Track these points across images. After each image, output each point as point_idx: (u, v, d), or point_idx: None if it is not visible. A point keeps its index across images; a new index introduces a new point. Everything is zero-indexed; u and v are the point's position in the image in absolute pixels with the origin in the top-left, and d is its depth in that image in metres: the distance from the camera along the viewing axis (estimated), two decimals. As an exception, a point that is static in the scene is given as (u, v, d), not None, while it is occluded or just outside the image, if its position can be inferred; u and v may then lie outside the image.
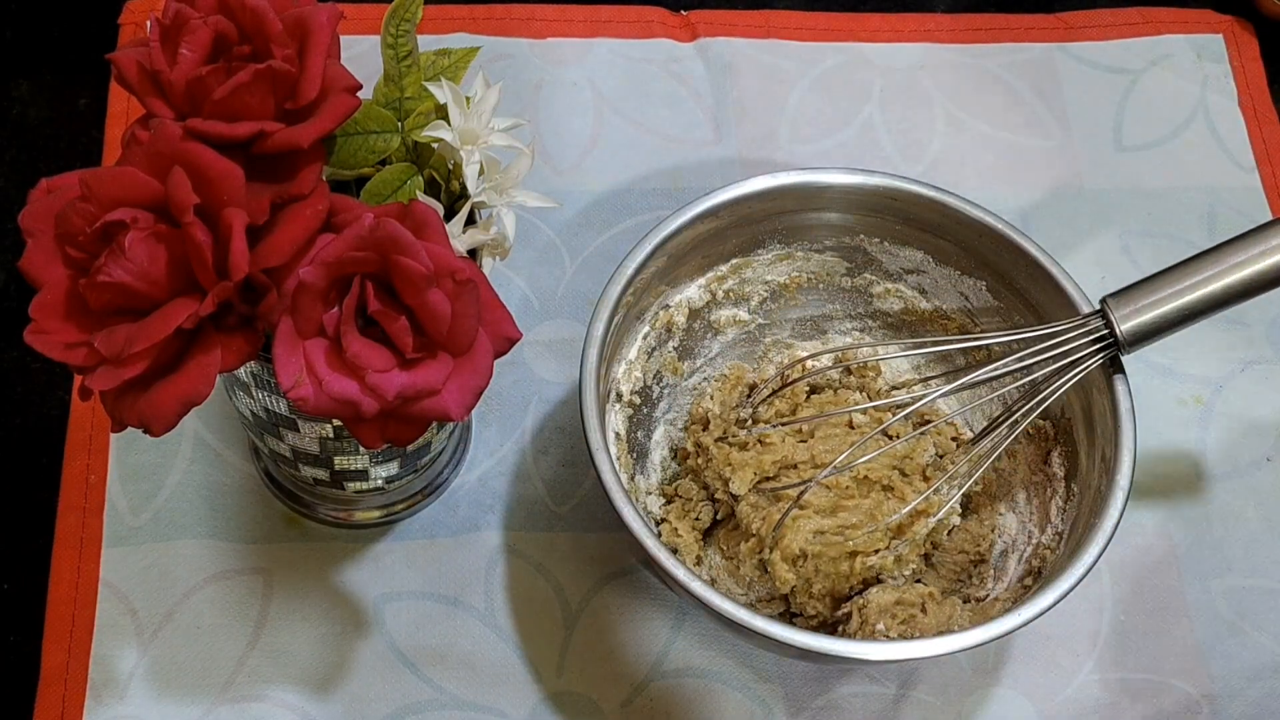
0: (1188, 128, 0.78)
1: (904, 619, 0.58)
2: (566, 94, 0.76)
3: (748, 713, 0.61)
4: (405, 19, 0.51)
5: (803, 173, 0.62)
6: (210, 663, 0.60)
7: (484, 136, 0.51)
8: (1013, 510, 0.63)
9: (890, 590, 0.59)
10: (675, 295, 0.64)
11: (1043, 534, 0.60)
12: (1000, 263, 0.62)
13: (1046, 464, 0.62)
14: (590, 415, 0.55)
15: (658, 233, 0.60)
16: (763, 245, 0.65)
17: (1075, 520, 0.58)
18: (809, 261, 0.66)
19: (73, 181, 0.45)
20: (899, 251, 0.64)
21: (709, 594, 0.52)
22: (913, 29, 0.80)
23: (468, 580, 0.63)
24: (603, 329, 0.57)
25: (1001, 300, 0.63)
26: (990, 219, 0.61)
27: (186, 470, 0.64)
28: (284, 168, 0.46)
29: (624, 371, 0.63)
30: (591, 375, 0.56)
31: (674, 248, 0.61)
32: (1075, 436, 0.60)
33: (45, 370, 0.66)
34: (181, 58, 0.45)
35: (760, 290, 0.66)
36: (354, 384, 0.44)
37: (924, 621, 0.58)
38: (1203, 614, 0.65)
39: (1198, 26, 0.82)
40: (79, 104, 0.74)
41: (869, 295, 0.67)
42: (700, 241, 0.62)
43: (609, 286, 0.58)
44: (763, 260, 0.65)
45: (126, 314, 0.44)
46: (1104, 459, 0.57)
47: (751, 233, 0.64)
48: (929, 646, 0.52)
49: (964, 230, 0.62)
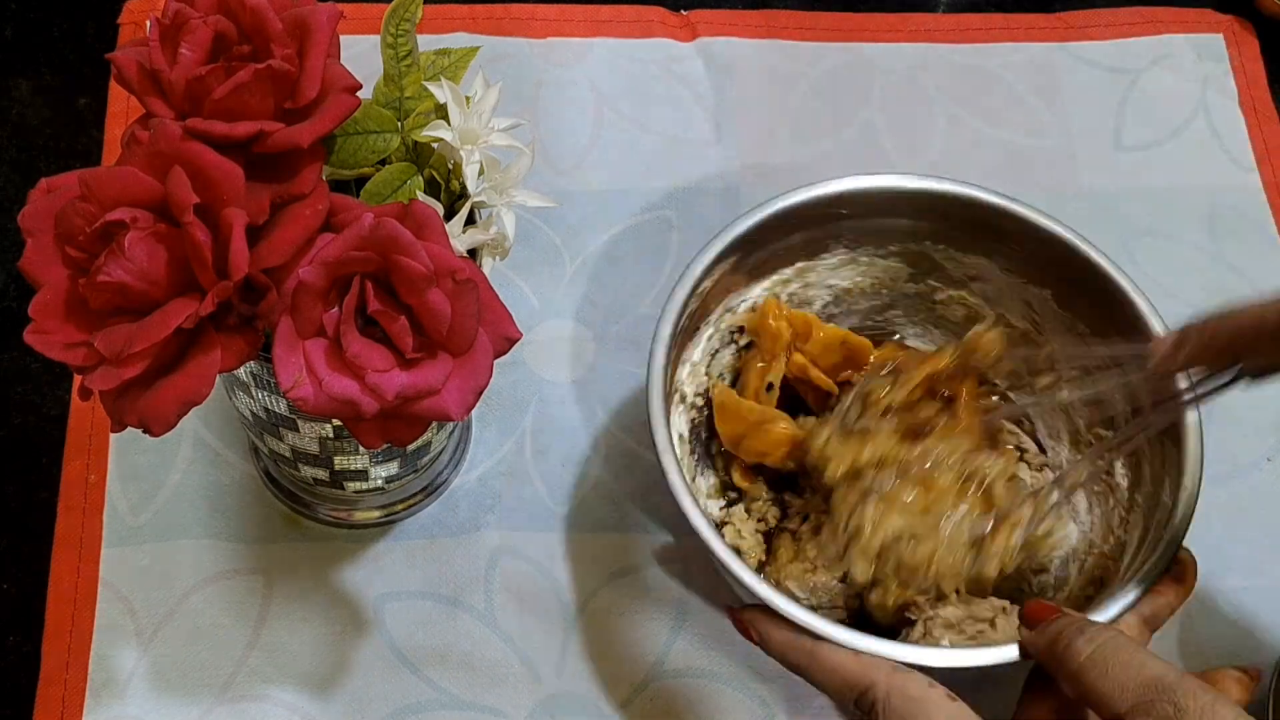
0: (1188, 128, 0.78)
1: (972, 634, 0.57)
2: (566, 94, 0.76)
3: (748, 713, 0.61)
4: (405, 19, 0.51)
5: (871, 178, 0.61)
6: (210, 663, 0.60)
7: (484, 136, 0.51)
8: (1074, 519, 0.62)
9: (960, 603, 0.58)
10: (739, 298, 0.64)
11: (1104, 544, 0.60)
12: (1066, 271, 0.61)
13: (1110, 474, 0.61)
14: (657, 415, 0.55)
15: (726, 235, 0.59)
16: (827, 249, 0.64)
17: (1143, 532, 0.57)
18: (873, 266, 0.65)
19: (73, 181, 0.45)
20: (964, 258, 0.63)
21: (775, 597, 0.51)
22: (913, 29, 0.80)
23: (468, 580, 0.63)
24: (670, 329, 0.57)
25: (1066, 309, 0.62)
26: (1058, 228, 0.60)
27: (186, 470, 0.64)
28: (284, 167, 0.46)
29: (688, 373, 0.63)
30: (659, 376, 0.56)
31: (741, 250, 0.60)
32: (1140, 448, 0.59)
33: (45, 370, 0.66)
34: (181, 57, 0.45)
35: (824, 294, 0.66)
36: (354, 384, 0.44)
37: (994, 636, 0.57)
38: (1203, 613, 0.65)
39: (1198, 26, 0.82)
40: (79, 104, 0.74)
41: (932, 301, 0.66)
42: (767, 244, 0.62)
43: (676, 288, 0.58)
44: (827, 264, 0.65)
45: (126, 314, 0.44)
46: (1168, 470, 0.56)
47: (817, 236, 0.63)
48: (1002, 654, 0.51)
49: (1030, 239, 0.61)
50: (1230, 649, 0.64)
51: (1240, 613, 0.65)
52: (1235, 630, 0.64)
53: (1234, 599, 0.65)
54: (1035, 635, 0.49)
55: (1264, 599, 0.65)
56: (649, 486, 0.66)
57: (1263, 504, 0.68)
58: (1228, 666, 0.56)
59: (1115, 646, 0.45)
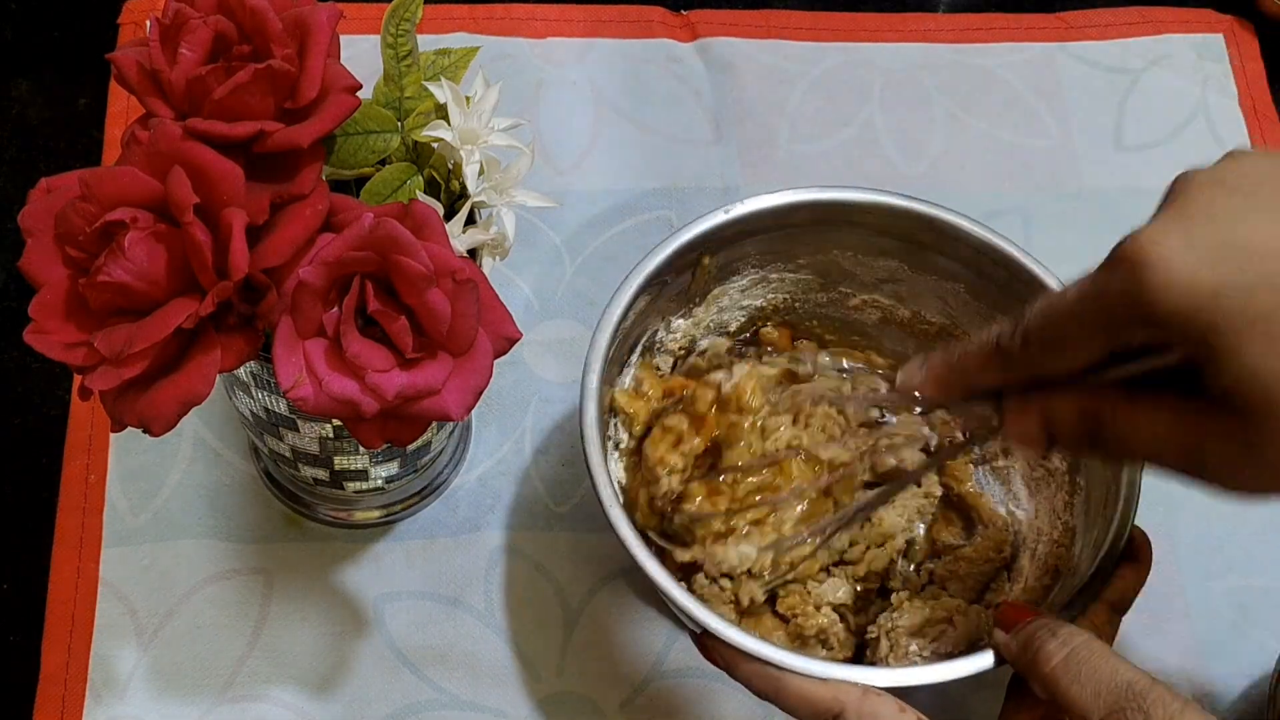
0: (1188, 127, 0.78)
1: (934, 636, 0.57)
2: (566, 94, 0.76)
3: (748, 712, 0.61)
4: (405, 19, 0.51)
5: (772, 196, 0.60)
6: (210, 663, 0.60)
7: (484, 136, 0.51)
8: (1018, 508, 0.63)
9: (915, 609, 0.58)
10: (664, 332, 0.63)
11: (1053, 530, 0.60)
12: (978, 263, 0.60)
13: (1045, 458, 0.62)
14: (597, 468, 0.54)
15: (638, 273, 0.58)
16: (737, 271, 0.63)
17: (1089, 515, 0.57)
18: (784, 282, 0.65)
19: (73, 181, 0.45)
20: (873, 263, 0.63)
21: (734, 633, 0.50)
22: (913, 29, 0.80)
23: (468, 580, 0.63)
24: (596, 380, 0.56)
25: (981, 300, 0.62)
26: (963, 221, 0.60)
27: (186, 470, 0.64)
28: (284, 167, 0.46)
29: (620, 421, 0.62)
30: (594, 428, 0.55)
31: (655, 286, 0.59)
32: None
33: (45, 370, 0.66)
34: (181, 57, 0.45)
35: (738, 316, 0.65)
36: (354, 384, 0.44)
37: (954, 635, 0.57)
38: (1203, 613, 0.65)
39: (1198, 26, 0.82)
40: (79, 104, 0.74)
41: (845, 307, 0.65)
42: (679, 275, 0.61)
43: (596, 335, 0.57)
44: (738, 286, 0.64)
45: (126, 314, 0.44)
46: None
47: (726, 260, 0.62)
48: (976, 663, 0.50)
49: (937, 236, 0.60)
50: (1230, 649, 0.64)
51: (1240, 613, 0.65)
52: (1235, 630, 0.64)
53: (1234, 599, 0.65)
54: (1010, 639, 0.49)
55: (1264, 599, 0.65)
56: (649, 486, 0.66)
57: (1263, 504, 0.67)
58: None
59: (1088, 652, 0.45)
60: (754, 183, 0.74)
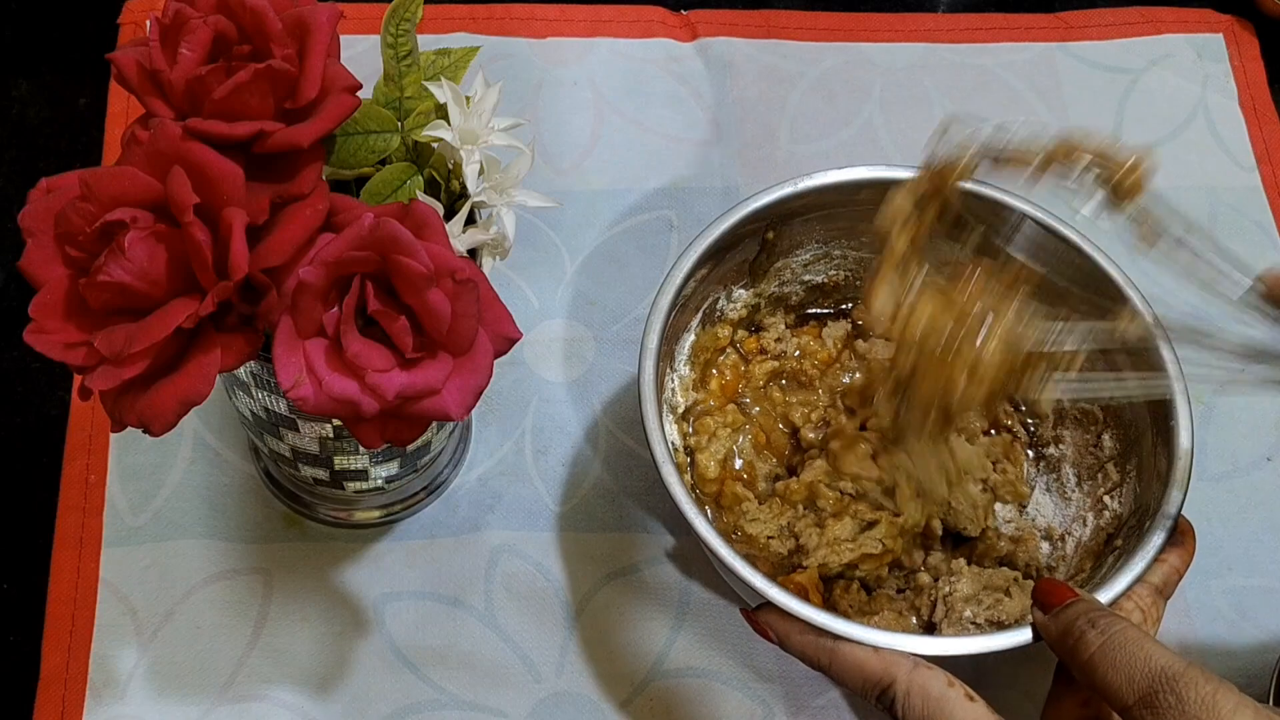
0: (1188, 127, 0.78)
1: (990, 604, 0.58)
2: (566, 94, 0.76)
3: (748, 712, 0.61)
4: (405, 19, 0.51)
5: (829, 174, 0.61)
6: (210, 663, 0.60)
7: (484, 136, 0.51)
8: (1063, 495, 0.63)
9: (974, 576, 0.59)
10: (725, 301, 0.65)
11: (1099, 519, 0.61)
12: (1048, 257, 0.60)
13: (1098, 447, 0.62)
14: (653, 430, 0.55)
15: (703, 240, 0.59)
16: (800, 245, 0.65)
17: (1135, 502, 0.58)
18: (846, 260, 0.66)
19: (73, 181, 0.45)
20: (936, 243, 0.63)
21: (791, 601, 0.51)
22: (913, 29, 0.80)
23: (468, 580, 0.63)
24: (656, 341, 0.57)
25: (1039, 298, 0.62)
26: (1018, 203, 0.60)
27: (186, 470, 0.64)
28: (284, 167, 0.46)
29: (677, 385, 0.63)
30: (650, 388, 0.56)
31: (716, 256, 0.61)
32: (1125, 419, 0.60)
33: (45, 370, 0.66)
34: (181, 57, 0.45)
35: (798, 290, 0.67)
36: (354, 384, 0.44)
37: (1009, 606, 0.58)
38: (1203, 613, 0.65)
39: (1198, 26, 0.82)
40: (79, 104, 0.74)
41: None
42: (740, 245, 0.62)
43: (659, 297, 0.58)
44: (800, 260, 0.65)
45: (126, 314, 0.44)
46: (1159, 440, 0.57)
47: (790, 233, 0.64)
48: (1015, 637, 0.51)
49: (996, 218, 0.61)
50: (1230, 649, 0.64)
51: (1240, 613, 0.65)
52: (1235, 630, 0.64)
53: (1234, 599, 0.65)
54: (1049, 620, 0.49)
55: (1264, 599, 0.65)
56: (648, 486, 0.66)
57: (1263, 504, 0.68)
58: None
59: (1123, 639, 0.46)
60: (754, 183, 0.74)
